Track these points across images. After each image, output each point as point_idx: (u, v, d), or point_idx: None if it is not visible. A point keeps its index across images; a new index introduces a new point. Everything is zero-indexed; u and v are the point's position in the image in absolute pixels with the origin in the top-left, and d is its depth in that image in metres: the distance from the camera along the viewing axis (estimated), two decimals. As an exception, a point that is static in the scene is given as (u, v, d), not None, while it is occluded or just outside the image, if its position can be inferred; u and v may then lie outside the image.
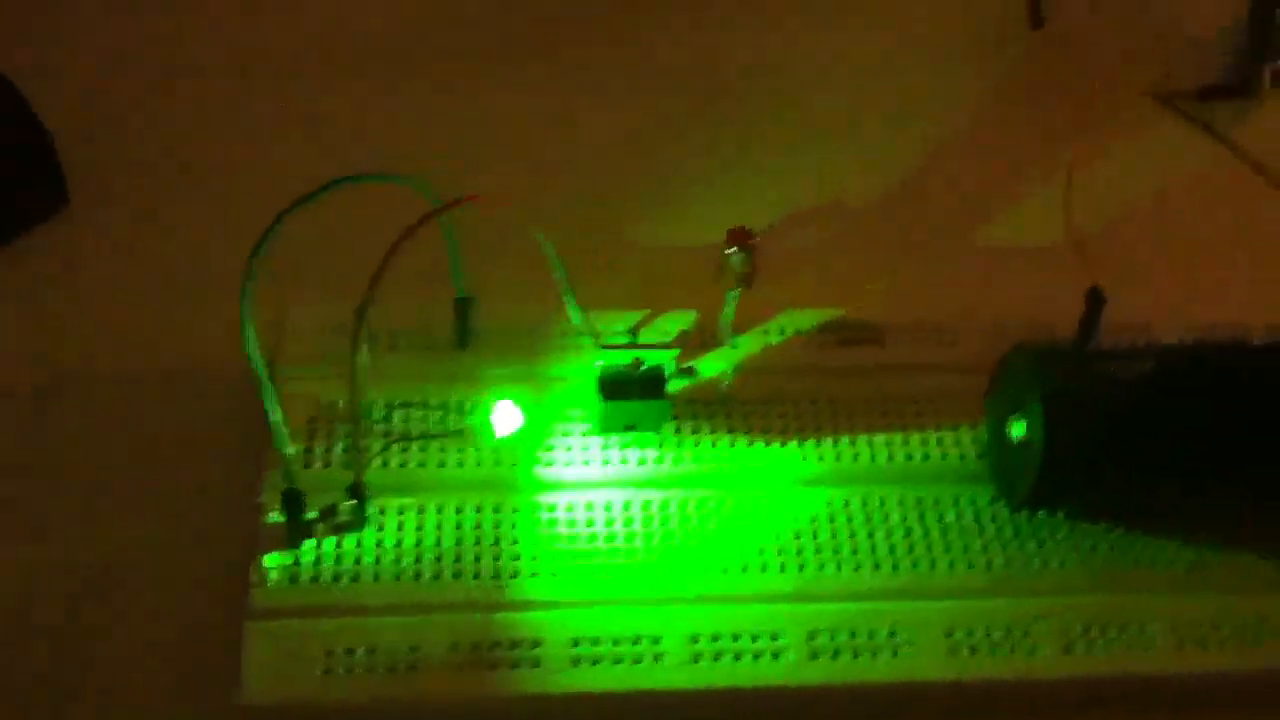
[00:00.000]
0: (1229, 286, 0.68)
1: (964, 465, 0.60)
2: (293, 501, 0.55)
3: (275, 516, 0.56)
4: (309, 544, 0.56)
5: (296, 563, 0.56)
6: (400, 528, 0.57)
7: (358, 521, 0.57)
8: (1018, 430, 0.56)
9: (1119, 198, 0.72)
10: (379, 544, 0.57)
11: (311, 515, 0.56)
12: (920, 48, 0.81)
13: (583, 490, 0.59)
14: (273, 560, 0.56)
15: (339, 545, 0.56)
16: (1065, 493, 0.57)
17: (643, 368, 0.58)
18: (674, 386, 0.60)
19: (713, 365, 0.62)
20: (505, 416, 0.58)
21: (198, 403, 0.62)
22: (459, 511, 0.58)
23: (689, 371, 0.60)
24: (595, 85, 0.78)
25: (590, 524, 0.58)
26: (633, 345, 0.58)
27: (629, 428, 0.59)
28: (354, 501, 0.56)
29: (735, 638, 0.55)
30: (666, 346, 0.58)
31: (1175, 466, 0.56)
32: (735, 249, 0.57)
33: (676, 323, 0.64)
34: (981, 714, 0.54)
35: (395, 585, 0.55)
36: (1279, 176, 0.65)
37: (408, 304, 0.63)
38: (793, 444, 0.60)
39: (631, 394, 0.58)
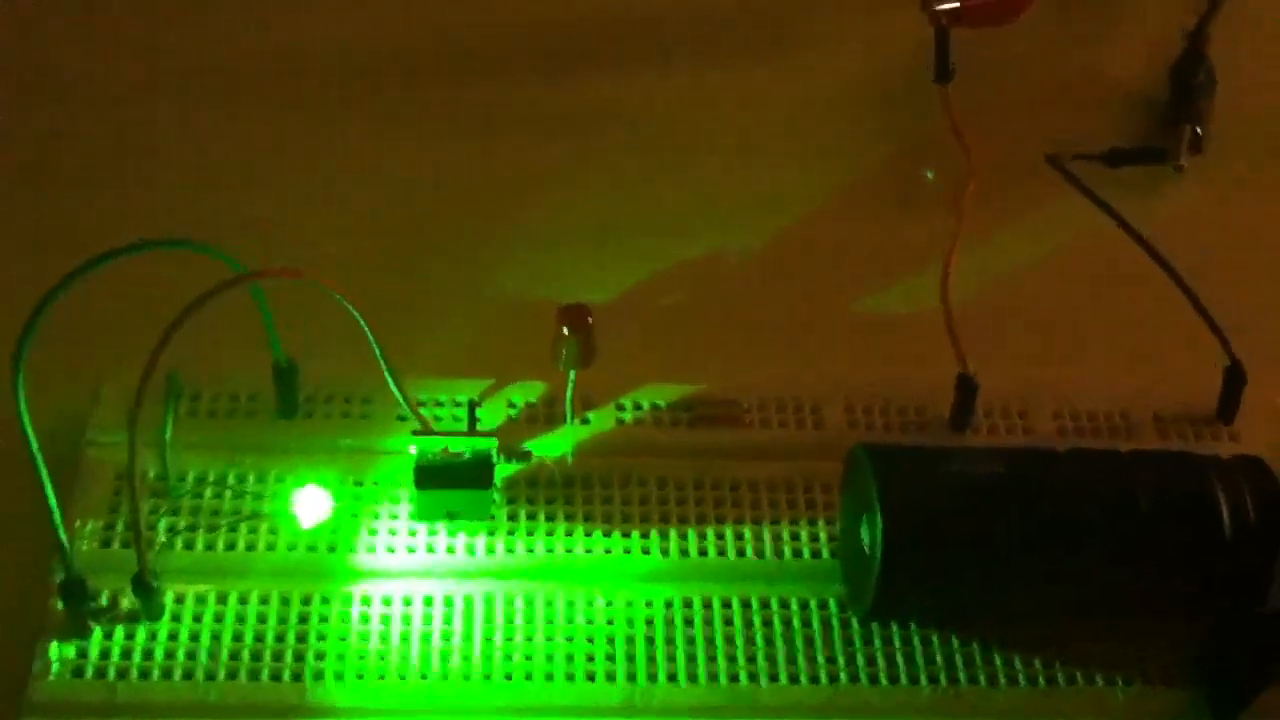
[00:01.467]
0: (1115, 371, 0.64)
1: (818, 564, 0.56)
2: (71, 589, 0.51)
3: (60, 604, 0.51)
4: (98, 635, 0.52)
5: (82, 655, 0.51)
6: (197, 619, 0.53)
7: (150, 611, 0.52)
8: (864, 534, 0.52)
9: (1006, 268, 0.68)
10: (173, 636, 0.52)
11: (102, 603, 0.52)
12: (814, 98, 0.76)
13: (401, 580, 0.54)
14: (55, 651, 0.51)
15: (129, 637, 0.52)
16: (907, 606, 0.53)
17: (468, 453, 0.54)
18: (505, 470, 0.56)
19: (553, 445, 0.58)
20: (311, 504, 0.54)
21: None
22: (264, 602, 0.53)
23: (523, 455, 0.56)
24: (461, 133, 0.73)
25: (406, 620, 0.53)
26: (447, 434, 0.54)
27: (451, 516, 0.54)
28: (139, 593, 0.51)
29: (551, 756, 0.51)
30: (484, 434, 0.54)
31: (1022, 579, 0.51)
32: (567, 330, 0.52)
33: (523, 394, 0.60)
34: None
35: (186, 684, 0.51)
36: (1171, 252, 0.60)
37: (237, 370, 0.59)
38: (634, 535, 0.56)
39: (451, 481, 0.53)
